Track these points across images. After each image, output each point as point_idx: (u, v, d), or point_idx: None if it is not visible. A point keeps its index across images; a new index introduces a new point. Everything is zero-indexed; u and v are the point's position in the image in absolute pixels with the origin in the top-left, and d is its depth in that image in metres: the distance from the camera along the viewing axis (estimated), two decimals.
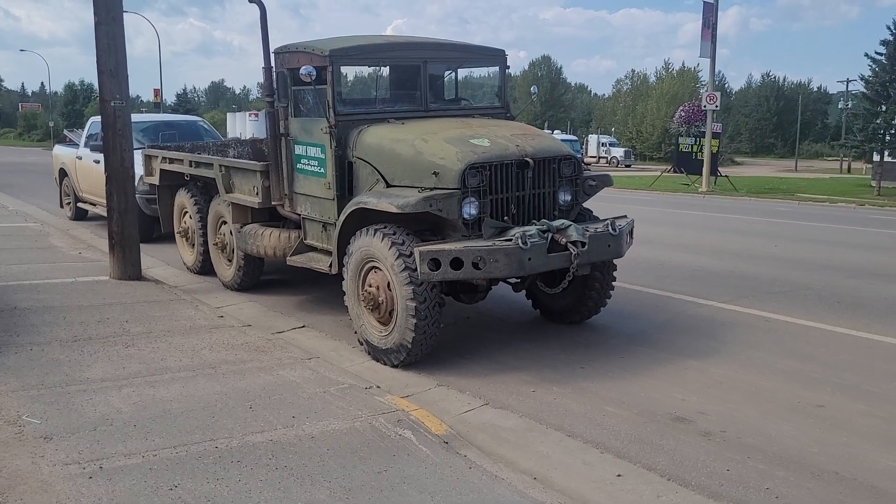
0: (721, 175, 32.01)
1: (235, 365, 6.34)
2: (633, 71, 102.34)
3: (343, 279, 7.06)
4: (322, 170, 7.46)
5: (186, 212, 10.57)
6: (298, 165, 7.86)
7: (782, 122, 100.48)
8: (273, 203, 8.23)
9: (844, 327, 7.63)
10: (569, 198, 7.05)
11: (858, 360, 6.62)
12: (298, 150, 7.81)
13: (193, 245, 10.50)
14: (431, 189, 6.38)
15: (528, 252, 6.12)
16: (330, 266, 7.40)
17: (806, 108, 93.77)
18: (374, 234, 6.54)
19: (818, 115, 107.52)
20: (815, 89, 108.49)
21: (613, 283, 7.59)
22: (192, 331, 7.39)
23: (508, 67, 8.21)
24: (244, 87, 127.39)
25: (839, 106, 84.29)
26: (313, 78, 6.97)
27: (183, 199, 10.49)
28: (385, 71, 7.61)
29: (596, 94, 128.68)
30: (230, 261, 9.51)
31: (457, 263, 6.08)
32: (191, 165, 9.94)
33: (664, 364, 6.56)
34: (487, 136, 6.83)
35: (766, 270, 10.83)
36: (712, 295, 9.06)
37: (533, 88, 13.80)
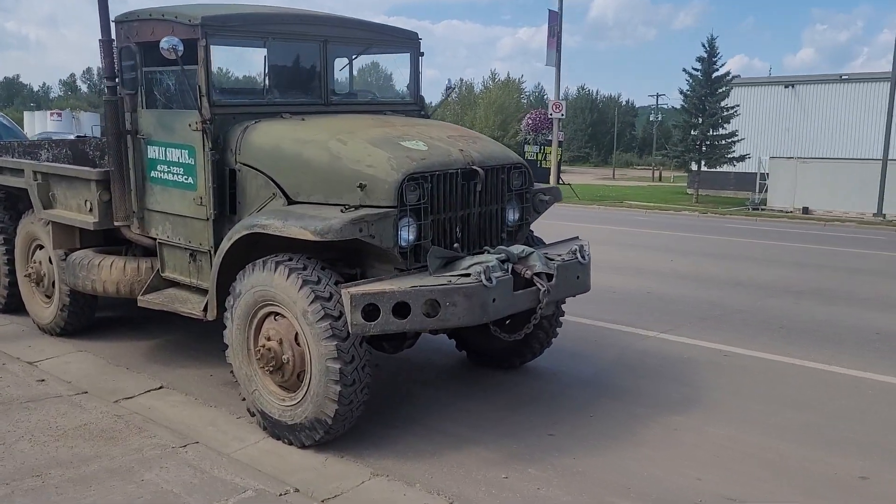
0: (563, 183, 32.12)
1: (73, 468, 4.32)
2: (460, 80, 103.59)
3: (225, 327, 5.19)
4: (190, 180, 5.53)
5: None
6: (153, 173, 5.85)
7: (596, 132, 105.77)
8: (116, 223, 6.14)
9: (814, 361, 6.73)
10: (517, 216, 5.60)
11: (860, 407, 5.68)
12: (153, 152, 5.81)
13: None
14: (356, 207, 4.70)
15: (492, 291, 4.60)
16: (204, 310, 5.48)
17: (616, 120, 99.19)
18: (276, 269, 4.76)
19: (627, 127, 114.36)
20: (624, 103, 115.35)
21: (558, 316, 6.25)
22: None
23: (422, 54, 6.65)
24: (43, 83, 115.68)
25: (650, 118, 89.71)
26: (179, 55, 5.06)
27: None
28: (272, 51, 5.82)
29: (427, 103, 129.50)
30: (49, 297, 7.21)
31: (402, 310, 4.45)
32: None
33: (646, 423, 5.27)
34: (419, 137, 5.24)
35: (680, 290, 9.98)
36: (643, 322, 7.98)
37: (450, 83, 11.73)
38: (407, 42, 6.56)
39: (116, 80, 5.86)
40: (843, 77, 42.82)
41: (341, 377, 4.54)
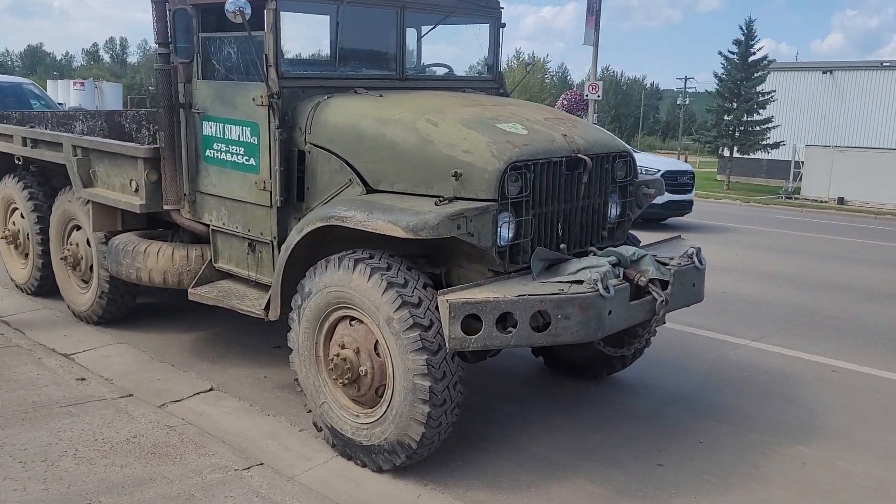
0: None
1: (127, 494, 3.74)
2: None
3: (290, 329, 4.59)
4: (252, 161, 4.90)
5: (15, 208, 7.50)
6: (209, 152, 5.22)
7: (619, 115, 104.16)
8: (165, 207, 5.52)
9: None
10: (618, 211, 4.93)
11: None
12: (209, 128, 5.18)
13: (27, 256, 7.47)
14: (450, 199, 4.05)
15: (609, 302, 3.95)
16: (266, 308, 4.86)
17: (642, 102, 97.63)
18: (355, 267, 4.13)
19: (651, 110, 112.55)
20: (649, 85, 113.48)
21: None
22: (37, 413, 4.64)
23: (504, 25, 5.96)
24: (66, 52, 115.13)
25: (678, 101, 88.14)
26: (247, 18, 4.41)
27: (9, 189, 7.41)
28: (345, 17, 5.13)
29: None
30: (86, 282, 6.64)
31: (506, 322, 3.81)
32: (25, 144, 6.92)
33: (765, 453, 4.63)
34: (515, 119, 4.58)
35: (757, 290, 9.25)
36: (730, 328, 7.29)
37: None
38: (487, 11, 5.86)
39: (170, 46, 5.22)
40: (885, 64, 41.48)
41: (431, 396, 3.92)
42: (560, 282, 4.03)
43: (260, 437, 4.65)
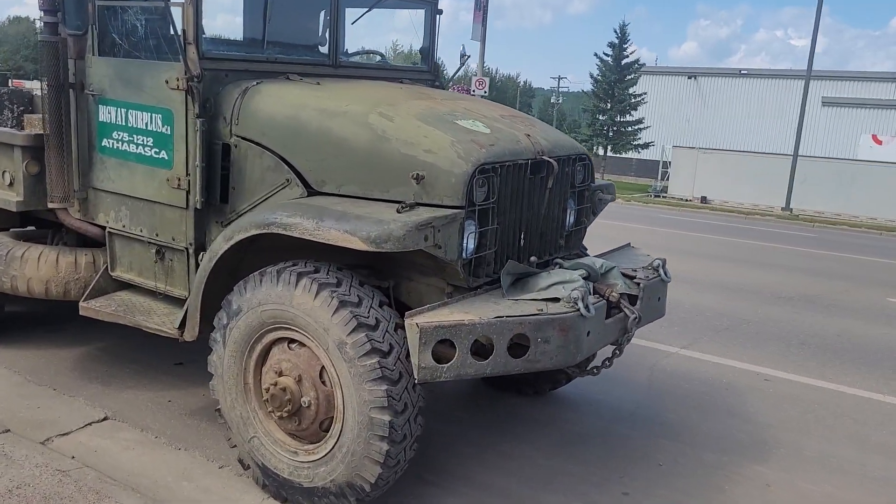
0: None
1: None
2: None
3: (211, 351, 3.94)
4: (163, 154, 4.18)
5: None
6: (106, 142, 4.45)
7: None
8: (51, 205, 4.68)
9: (865, 389, 5.99)
10: (573, 218, 4.57)
11: None
12: (107, 114, 4.40)
13: None
14: (411, 206, 3.53)
15: (588, 322, 3.57)
16: (181, 327, 4.17)
17: (517, 100, 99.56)
18: (297, 282, 3.54)
19: (524, 108, 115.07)
20: (522, 83, 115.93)
21: None
22: None
23: (440, 12, 5.47)
24: None
25: (552, 100, 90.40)
26: None
27: None
28: None
29: None
30: None
31: (482, 348, 3.35)
32: None
33: (728, 476, 4.41)
34: (472, 116, 4.12)
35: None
36: (656, 335, 7.12)
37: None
38: None
39: (58, 14, 4.39)
40: (743, 72, 43.99)
41: (390, 432, 3.40)
42: (534, 300, 3.61)
43: (172, 478, 3.97)
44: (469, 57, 5.65)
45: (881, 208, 25.06)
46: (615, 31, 46.45)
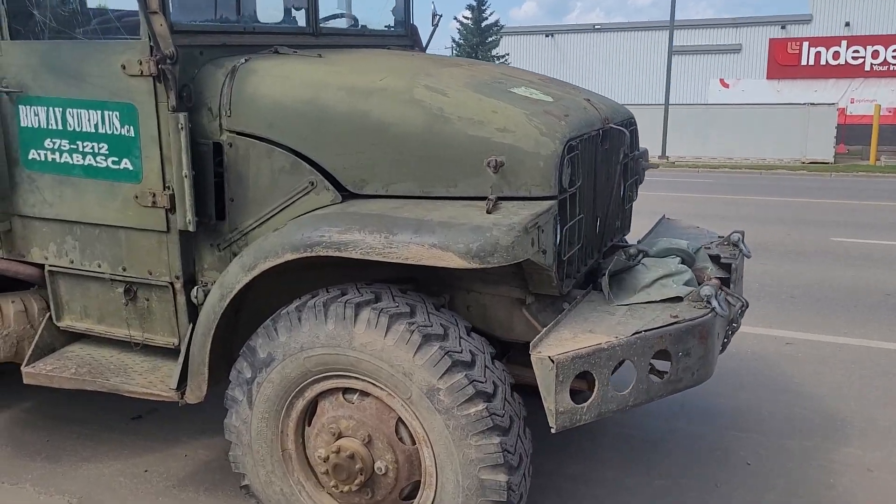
0: None
1: None
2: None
3: (231, 412, 3.03)
4: (128, 164, 3.15)
5: None
6: (34, 154, 3.34)
7: None
8: None
9: (883, 340, 5.80)
10: (625, 194, 3.92)
11: None
12: (32, 116, 3.30)
13: None
14: (494, 200, 2.74)
15: (720, 323, 2.94)
16: (179, 389, 3.19)
17: None
18: (356, 315, 2.70)
19: None
20: None
21: None
22: None
23: None
24: None
25: None
26: None
27: None
28: None
29: None
30: None
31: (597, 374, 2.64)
32: None
33: (824, 464, 3.95)
34: (523, 83, 3.36)
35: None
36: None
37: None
38: None
39: None
40: (597, 27, 44.87)
41: (509, 495, 2.66)
42: (649, 302, 2.93)
43: None
44: (441, 17, 4.83)
45: (735, 149, 25.89)
46: None
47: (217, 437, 4.18)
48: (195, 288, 3.20)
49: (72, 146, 3.24)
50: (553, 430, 2.55)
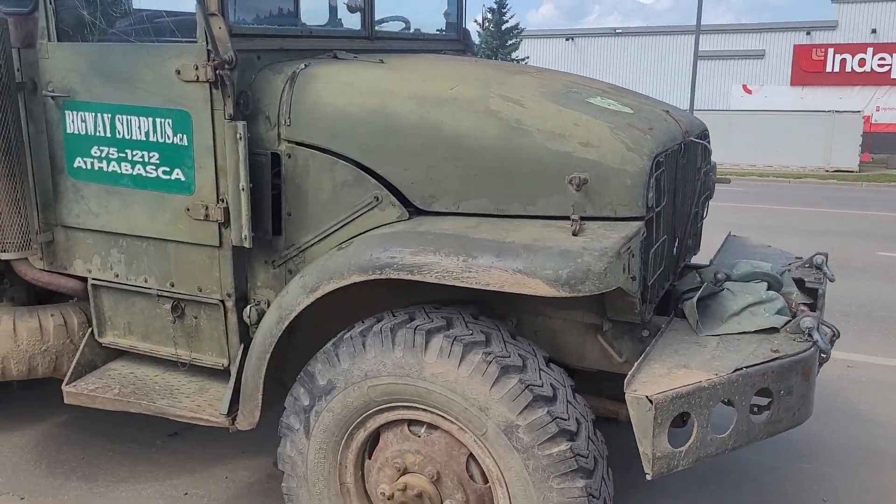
0: None
1: None
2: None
3: (286, 441, 2.84)
4: (180, 174, 2.97)
5: None
6: (80, 162, 3.17)
7: None
8: (4, 255, 3.33)
9: None
10: (703, 210, 3.71)
11: None
12: (79, 122, 3.13)
13: None
14: (578, 220, 2.53)
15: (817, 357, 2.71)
16: (230, 414, 3.01)
17: None
18: (427, 342, 2.51)
19: None
20: None
21: None
22: None
23: None
24: None
25: None
26: None
27: None
28: None
29: None
30: None
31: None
32: None
33: None
34: (597, 93, 3.15)
35: None
36: None
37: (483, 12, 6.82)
38: None
39: None
40: (618, 31, 44.54)
41: None
42: (742, 333, 2.71)
43: None
44: (491, 21, 4.62)
45: (758, 156, 25.36)
46: None
47: (258, 458, 4.02)
48: (248, 307, 3.02)
49: (120, 155, 3.07)
50: (648, 477, 2.35)
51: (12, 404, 4.55)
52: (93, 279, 3.32)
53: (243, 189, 2.78)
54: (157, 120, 2.95)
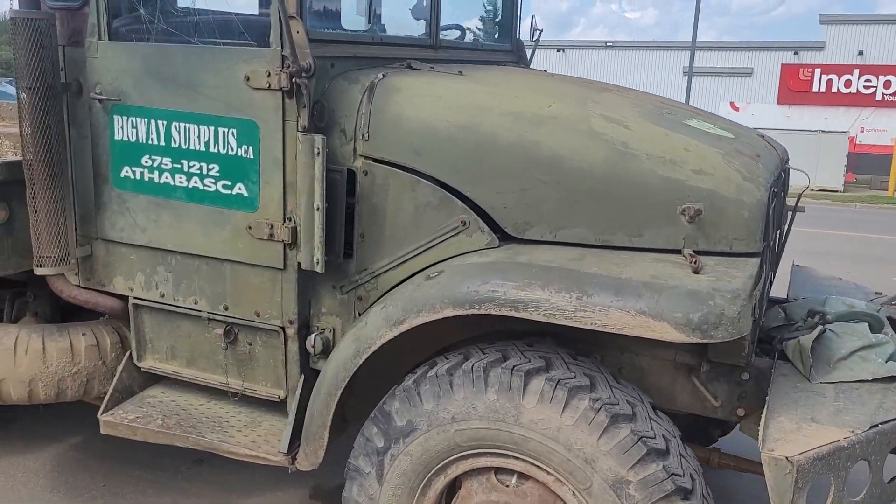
0: None
1: None
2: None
3: (354, 485, 2.59)
4: (243, 189, 2.73)
5: None
6: (128, 171, 2.91)
7: None
8: (40, 270, 3.05)
9: None
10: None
11: None
12: (129, 129, 2.87)
13: None
14: (693, 255, 2.32)
15: None
16: (289, 451, 2.76)
17: None
18: (526, 385, 2.28)
19: None
20: None
21: None
22: None
23: None
24: None
25: None
26: None
27: None
28: None
29: None
30: None
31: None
32: None
33: None
34: (690, 115, 2.95)
35: None
36: None
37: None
38: None
39: None
40: (608, 44, 44.67)
41: None
42: (860, 381, 2.51)
43: None
44: (541, 32, 4.43)
45: None
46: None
47: (293, 489, 3.77)
48: (311, 335, 2.77)
49: (175, 165, 2.81)
50: None
51: (24, 423, 4.26)
52: (134, 298, 3.06)
53: (318, 208, 2.54)
54: (220, 129, 2.71)
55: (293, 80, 2.51)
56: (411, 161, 2.60)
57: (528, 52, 4.36)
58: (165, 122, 2.79)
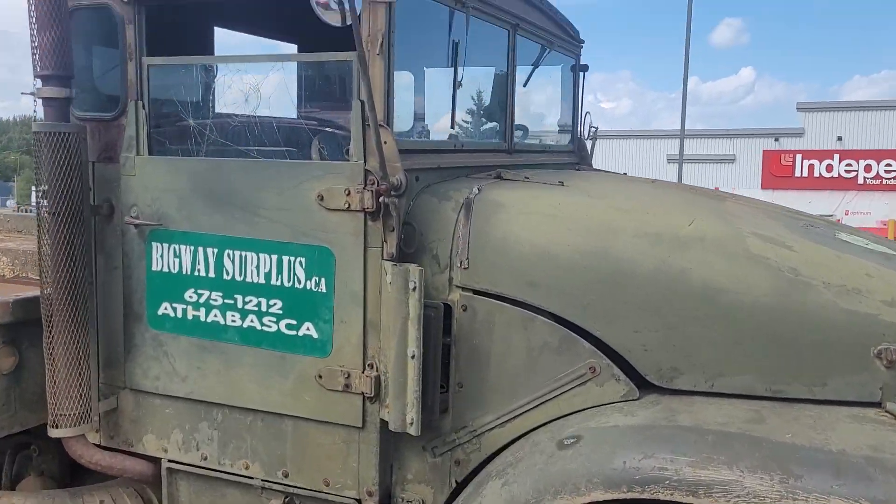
0: None
1: None
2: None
3: None
4: (312, 329, 2.24)
5: None
6: (166, 308, 2.42)
7: None
8: (55, 432, 2.49)
9: None
10: None
11: None
12: (168, 258, 2.40)
13: None
14: (879, 405, 1.85)
15: None
16: None
17: None
18: None
19: None
20: None
21: None
22: None
23: (586, 68, 3.85)
24: None
25: None
26: (356, 14, 1.87)
27: None
28: (462, 37, 2.68)
29: None
30: None
31: None
32: None
33: None
34: (834, 228, 2.54)
35: None
36: None
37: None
38: (567, 44, 3.72)
39: (69, 82, 2.38)
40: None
41: None
42: None
43: None
44: (597, 129, 4.07)
45: None
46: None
47: None
48: None
49: (227, 301, 2.32)
50: None
51: None
52: (169, 461, 2.51)
53: (413, 356, 2.05)
54: (285, 258, 2.24)
55: (380, 198, 2.06)
56: (524, 293, 2.13)
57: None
58: (216, 250, 2.32)
